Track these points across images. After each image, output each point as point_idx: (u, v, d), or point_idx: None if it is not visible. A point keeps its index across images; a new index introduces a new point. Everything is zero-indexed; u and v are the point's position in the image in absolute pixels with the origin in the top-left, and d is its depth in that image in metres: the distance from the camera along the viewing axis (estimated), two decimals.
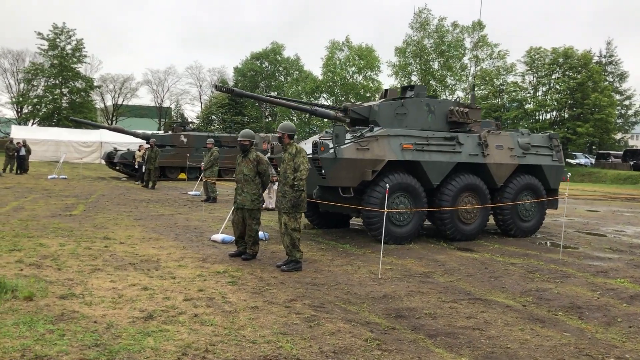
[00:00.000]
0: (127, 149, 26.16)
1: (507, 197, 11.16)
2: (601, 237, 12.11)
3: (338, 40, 63.14)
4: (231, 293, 6.29)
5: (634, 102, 61.39)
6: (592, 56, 52.00)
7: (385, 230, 9.82)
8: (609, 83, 55.12)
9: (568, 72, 49.49)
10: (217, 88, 10.32)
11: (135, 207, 14.40)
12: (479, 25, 55.17)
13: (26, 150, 27.48)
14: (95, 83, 61.29)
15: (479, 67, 56.32)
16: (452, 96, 54.10)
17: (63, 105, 56.59)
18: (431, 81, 54.91)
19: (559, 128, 47.99)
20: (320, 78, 62.94)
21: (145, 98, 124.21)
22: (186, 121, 36.71)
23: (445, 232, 10.57)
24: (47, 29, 56.44)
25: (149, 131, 32.06)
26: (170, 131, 27.91)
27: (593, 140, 51.17)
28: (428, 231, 11.60)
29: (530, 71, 52.20)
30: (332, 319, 5.48)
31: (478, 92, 53.18)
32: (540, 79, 51.90)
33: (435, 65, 56.63)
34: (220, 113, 62.43)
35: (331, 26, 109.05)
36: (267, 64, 71.42)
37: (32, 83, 57.68)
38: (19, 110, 58.18)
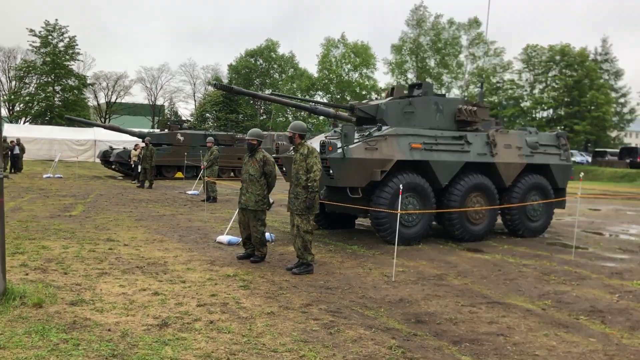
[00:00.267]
0: (123, 148, 25.89)
1: (516, 197, 11.03)
2: (609, 237, 12.02)
3: (333, 37, 63.10)
4: (244, 298, 6.11)
5: (629, 100, 61.64)
6: (588, 54, 52.06)
7: (393, 231, 9.66)
8: (605, 81, 55.24)
9: (565, 70, 49.54)
10: (216, 86, 10.13)
11: (135, 207, 14.18)
12: (475, 22, 55.22)
13: (20, 148, 27.15)
14: (88, 81, 60.80)
15: (475, 65, 56.36)
16: (448, 94, 54.03)
17: (56, 103, 56.08)
18: (427, 79, 54.85)
19: (556, 126, 48.03)
20: (315, 75, 62.78)
21: (138, 96, 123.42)
22: (183, 119, 36.31)
23: (453, 233, 10.42)
24: (39, 26, 56.06)
25: (145, 129, 31.79)
26: (166, 129, 27.63)
27: (590, 138, 51.26)
28: (435, 231, 11.44)
29: (527, 69, 52.25)
30: (352, 325, 5.32)
31: (474, 90, 53.17)
32: (537, 77, 51.94)
33: (431, 62, 56.63)
34: (214, 111, 62.12)
35: (326, 23, 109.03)
36: (262, 61, 71.10)
37: (24, 81, 57.16)
38: (11, 108, 57.62)
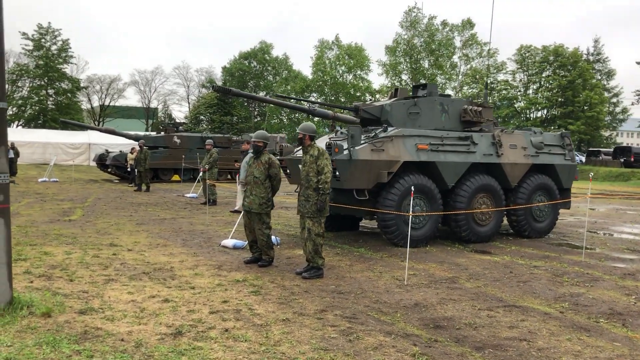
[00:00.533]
0: (120, 151, 25.61)
1: (521, 198, 10.93)
2: (615, 237, 11.95)
3: (327, 39, 63.01)
4: (257, 304, 5.96)
5: (621, 100, 61.98)
6: (582, 54, 52.22)
7: (400, 233, 9.60)
8: (597, 81, 55.45)
9: (558, 70, 49.64)
10: (214, 88, 10.00)
11: (134, 211, 13.99)
12: (469, 23, 55.27)
13: (14, 152, 26.82)
14: (81, 84, 60.44)
15: (469, 66, 56.40)
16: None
17: (49, 106, 55.68)
18: (421, 80, 54.82)
19: (550, 126, 48.13)
20: (310, 77, 62.63)
21: (132, 99, 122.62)
22: (179, 122, 36.06)
23: (460, 234, 10.30)
24: (32, 29, 55.64)
25: (141, 132, 31.53)
26: (163, 132, 27.41)
27: (584, 137, 51.40)
28: (441, 233, 11.32)
29: (520, 69, 52.33)
30: (370, 332, 5.17)
31: (468, 91, 53.23)
32: (530, 77, 52.03)
33: (425, 64, 56.61)
34: (208, 113, 61.87)
35: (319, 25, 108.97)
36: (256, 64, 70.89)
37: (17, 84, 56.66)
38: None
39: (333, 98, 60.51)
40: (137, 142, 22.92)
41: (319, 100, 59.66)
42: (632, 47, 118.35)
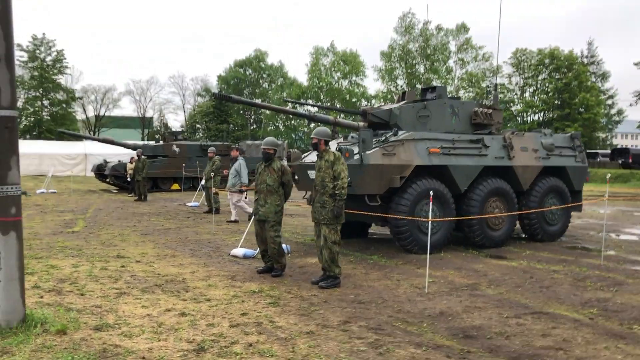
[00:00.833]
0: (118, 161, 25.33)
1: (534, 201, 10.75)
2: (629, 240, 11.78)
3: (322, 46, 62.94)
4: (277, 316, 5.74)
5: (616, 102, 62.12)
6: (577, 57, 52.33)
7: (414, 239, 9.40)
8: (592, 83, 55.55)
9: (554, 73, 49.70)
10: (215, 96, 9.83)
11: (138, 221, 13.73)
12: (464, 28, 55.33)
13: None
14: (76, 94, 60.11)
15: (465, 70, 56.42)
16: None
17: (44, 117, 55.29)
18: (417, 84, 54.79)
19: (547, 128, 48.14)
20: (305, 84, 62.54)
21: (127, 108, 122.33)
22: (178, 130, 35.80)
23: (473, 239, 10.11)
24: (26, 40, 55.33)
25: (139, 142, 31.27)
26: (161, 141, 27.16)
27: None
28: (453, 238, 11.11)
29: (516, 72, 52.37)
30: (399, 343, 4.96)
31: (464, 95, 53.20)
32: (526, 80, 52.08)
33: (421, 69, 56.59)
34: (204, 121, 61.67)
35: (314, 32, 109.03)
36: (251, 71, 70.82)
37: None
38: None
39: (329, 104, 60.38)
40: (135, 152, 22.69)
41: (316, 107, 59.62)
42: (624, 48, 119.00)
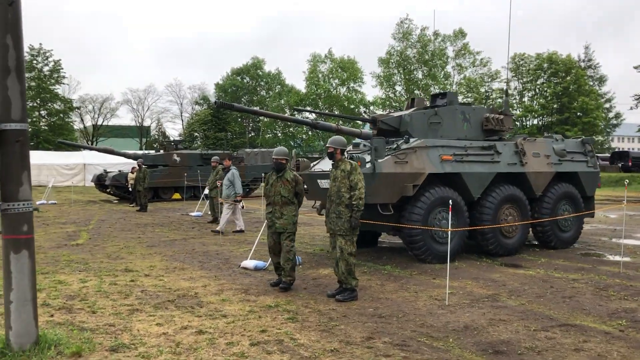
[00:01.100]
0: (119, 171, 25.12)
1: (546, 208, 10.58)
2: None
3: (320, 53, 62.89)
4: (297, 332, 5.53)
5: (614, 105, 62.21)
6: (576, 61, 52.37)
7: (427, 248, 9.22)
8: (590, 87, 55.56)
9: (552, 78, 49.69)
10: (217, 104, 9.67)
11: (142, 233, 13.51)
12: (461, 33, 55.31)
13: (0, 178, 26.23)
14: (74, 104, 59.83)
15: (463, 76, 56.34)
16: None
17: (42, 128, 54.99)
18: (415, 91, 54.70)
19: (547, 133, 48.08)
20: (303, 91, 62.40)
21: (125, 118, 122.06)
22: (178, 140, 35.57)
23: (487, 248, 9.92)
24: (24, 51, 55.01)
25: (139, 151, 31.07)
26: (162, 150, 26.95)
27: None
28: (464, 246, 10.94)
29: (515, 77, 52.33)
30: None
31: (463, 101, 53.08)
32: (525, 85, 52.05)
33: (419, 74, 56.49)
34: (202, 130, 61.43)
35: (310, 40, 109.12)
36: (249, 79, 70.69)
37: None
38: None
39: (327, 111, 60.23)
40: (136, 161, 22.49)
41: (312, 113, 59.42)
42: (620, 52, 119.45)
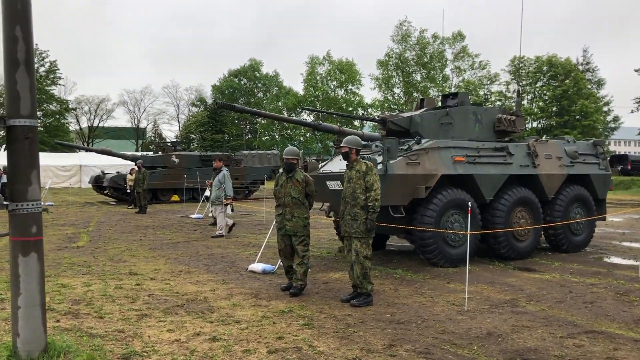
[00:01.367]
0: (117, 172, 24.87)
1: (559, 210, 10.38)
2: None
3: (318, 55, 62.75)
4: (315, 339, 5.30)
5: (612, 108, 62.26)
6: (575, 64, 52.38)
7: (440, 252, 9.00)
8: (589, 90, 55.57)
9: (551, 81, 49.66)
10: (217, 105, 9.48)
11: (143, 235, 13.25)
12: (460, 36, 55.24)
13: (8, 177, 25.88)
14: (70, 105, 59.47)
15: (461, 78, 56.28)
16: None
17: (37, 128, 54.57)
18: (414, 93, 54.58)
19: (547, 136, 47.99)
20: (301, 93, 62.23)
21: (121, 119, 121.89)
22: (177, 141, 35.31)
23: (499, 251, 9.70)
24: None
25: (138, 153, 30.78)
26: (160, 152, 26.69)
27: None
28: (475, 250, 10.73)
29: (514, 80, 52.27)
30: None
31: None
32: (524, 88, 52.00)
33: (417, 77, 56.38)
34: (199, 131, 61.16)
35: (309, 41, 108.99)
36: (246, 81, 70.49)
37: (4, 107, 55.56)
38: None
39: (325, 113, 60.03)
40: (135, 163, 22.24)
41: (311, 115, 59.17)
42: (618, 55, 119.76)
